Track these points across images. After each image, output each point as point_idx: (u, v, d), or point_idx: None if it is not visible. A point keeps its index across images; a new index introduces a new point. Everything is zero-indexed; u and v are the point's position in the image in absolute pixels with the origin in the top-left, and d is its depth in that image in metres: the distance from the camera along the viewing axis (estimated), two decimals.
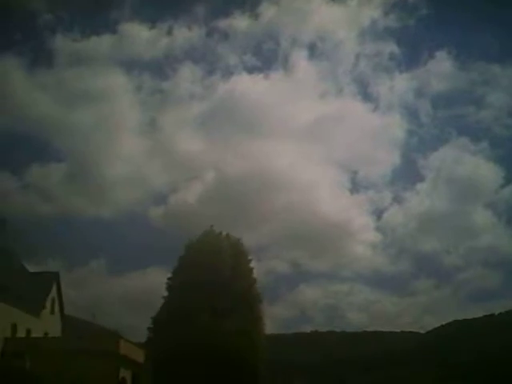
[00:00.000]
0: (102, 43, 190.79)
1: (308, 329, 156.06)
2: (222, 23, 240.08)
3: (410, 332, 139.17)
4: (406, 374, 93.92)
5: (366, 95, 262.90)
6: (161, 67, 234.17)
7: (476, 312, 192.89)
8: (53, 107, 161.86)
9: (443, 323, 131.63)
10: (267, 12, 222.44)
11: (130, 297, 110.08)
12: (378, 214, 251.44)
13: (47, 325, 38.53)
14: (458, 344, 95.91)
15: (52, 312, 40.65)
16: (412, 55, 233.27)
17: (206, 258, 37.91)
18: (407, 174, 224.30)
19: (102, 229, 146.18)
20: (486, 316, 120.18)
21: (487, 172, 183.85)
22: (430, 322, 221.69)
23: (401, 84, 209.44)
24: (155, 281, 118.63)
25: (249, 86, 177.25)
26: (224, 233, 44.11)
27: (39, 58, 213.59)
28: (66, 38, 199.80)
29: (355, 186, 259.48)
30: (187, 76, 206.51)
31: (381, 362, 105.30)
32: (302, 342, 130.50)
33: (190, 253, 39.63)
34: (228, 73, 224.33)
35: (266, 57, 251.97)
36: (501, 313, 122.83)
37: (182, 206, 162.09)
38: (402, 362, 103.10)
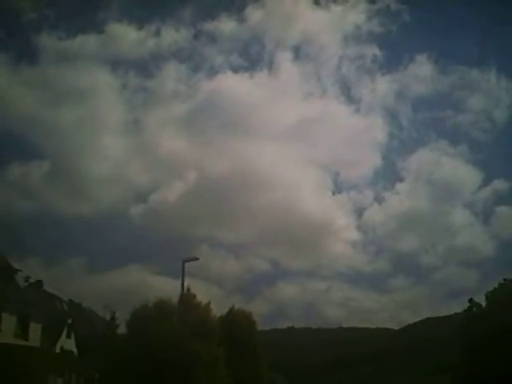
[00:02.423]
0: (88, 42, 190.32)
1: (288, 324, 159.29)
2: (209, 25, 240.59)
3: (386, 329, 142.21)
4: (377, 371, 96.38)
5: (349, 97, 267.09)
6: (146, 66, 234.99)
7: (452, 310, 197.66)
8: (36, 105, 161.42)
9: (416, 320, 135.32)
10: (253, 15, 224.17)
11: (110, 294, 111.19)
12: (359, 213, 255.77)
13: None
14: (429, 341, 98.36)
15: None
16: (393, 59, 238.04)
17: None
18: (387, 175, 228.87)
19: (83, 226, 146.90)
20: (456, 313, 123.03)
21: (465, 174, 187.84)
22: (407, 319, 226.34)
23: (382, 86, 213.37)
24: (135, 278, 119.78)
25: (233, 85, 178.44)
26: None
27: (24, 55, 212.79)
28: (52, 36, 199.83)
29: (337, 187, 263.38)
30: (172, 75, 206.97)
31: (354, 359, 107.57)
32: (278, 339, 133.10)
33: None
34: (213, 72, 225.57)
35: (252, 58, 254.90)
36: None
37: (162, 205, 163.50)
38: (375, 359, 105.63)
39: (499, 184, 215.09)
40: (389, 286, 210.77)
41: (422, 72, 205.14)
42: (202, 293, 54.14)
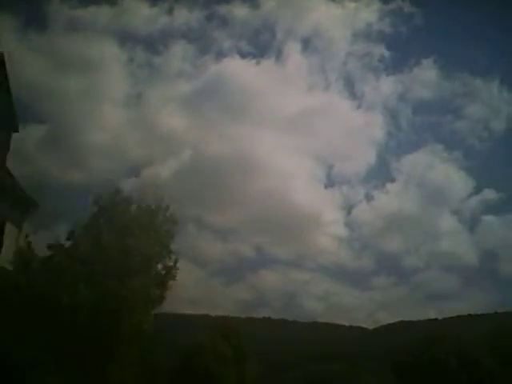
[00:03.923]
0: (100, 13, 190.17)
1: (264, 313, 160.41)
2: (222, 9, 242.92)
3: (359, 327, 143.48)
4: (348, 369, 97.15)
5: (352, 93, 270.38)
6: (155, 43, 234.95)
7: (429, 313, 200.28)
8: (42, 70, 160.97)
9: (390, 322, 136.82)
10: (267, 3, 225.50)
11: None
12: (348, 209, 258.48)
13: None
14: (399, 344, 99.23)
15: None
16: (400, 60, 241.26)
17: None
18: (380, 174, 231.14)
19: (73, 195, 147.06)
20: (430, 319, 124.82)
21: (457, 180, 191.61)
22: (382, 319, 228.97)
23: (386, 86, 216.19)
24: None
25: (239, 70, 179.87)
26: None
27: (34, 20, 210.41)
28: (64, 4, 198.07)
29: (330, 180, 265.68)
30: (179, 53, 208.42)
31: (325, 356, 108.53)
32: (252, 329, 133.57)
33: None
34: (221, 55, 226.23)
35: (261, 45, 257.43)
36: (445, 318, 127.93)
37: (154, 181, 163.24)
38: (346, 357, 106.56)
39: (489, 193, 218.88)
40: (370, 284, 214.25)
41: (426, 76, 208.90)
42: (186, 271, 54.73)
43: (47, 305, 21.39)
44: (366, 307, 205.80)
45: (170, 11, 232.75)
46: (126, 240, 23.99)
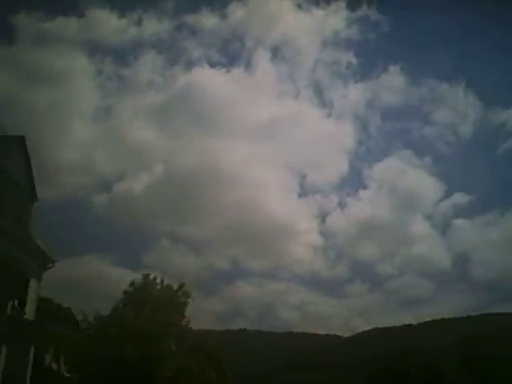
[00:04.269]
0: (68, 25, 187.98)
1: (240, 325, 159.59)
2: (191, 19, 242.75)
3: (335, 335, 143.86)
4: (326, 379, 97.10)
5: (321, 100, 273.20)
6: (124, 54, 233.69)
7: (405, 318, 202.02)
8: (9, 83, 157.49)
9: (364, 329, 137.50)
10: (236, 13, 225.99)
11: (64, 283, 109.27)
12: (322, 218, 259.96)
13: None
14: (374, 352, 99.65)
15: None
16: (367, 67, 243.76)
17: None
18: (352, 181, 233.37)
19: (43, 212, 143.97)
20: (404, 325, 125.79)
21: (428, 185, 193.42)
22: (358, 326, 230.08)
23: (354, 93, 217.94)
24: (94, 268, 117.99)
25: (209, 79, 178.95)
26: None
27: (1, 33, 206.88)
28: (31, 17, 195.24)
29: (303, 190, 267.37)
30: (149, 64, 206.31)
31: (302, 366, 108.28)
32: (229, 341, 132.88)
33: None
34: (190, 64, 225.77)
35: (230, 54, 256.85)
36: (419, 323, 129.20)
37: (127, 196, 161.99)
38: (323, 367, 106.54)
39: (460, 197, 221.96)
40: (345, 292, 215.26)
41: (393, 82, 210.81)
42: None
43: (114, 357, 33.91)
44: (341, 315, 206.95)
45: (139, 22, 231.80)
46: (155, 314, 37.04)
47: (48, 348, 31.69)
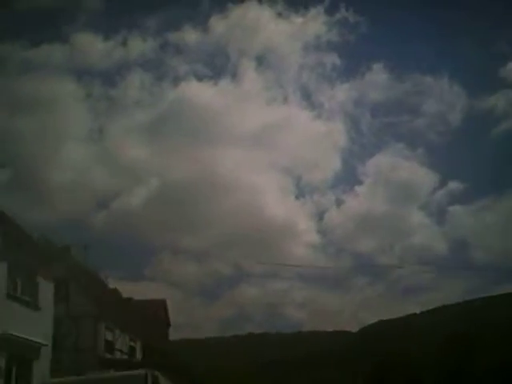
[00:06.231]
0: (53, 52, 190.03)
1: (248, 329, 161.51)
2: (174, 36, 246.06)
3: (344, 331, 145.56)
4: (327, 377, 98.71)
5: (310, 103, 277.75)
6: (112, 75, 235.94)
7: (409, 308, 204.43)
8: None
9: (370, 323, 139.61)
10: (217, 27, 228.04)
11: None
12: (321, 216, 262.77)
13: None
14: (380, 345, 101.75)
15: None
16: (351, 67, 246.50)
17: None
18: (347, 178, 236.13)
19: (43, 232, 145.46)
20: (408, 315, 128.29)
21: (422, 176, 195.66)
22: (367, 319, 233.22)
23: (341, 93, 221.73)
24: None
25: (197, 93, 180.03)
26: None
27: None
28: (15, 46, 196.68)
29: (300, 191, 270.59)
30: (136, 83, 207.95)
31: (315, 364, 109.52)
32: (239, 345, 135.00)
33: None
34: (177, 80, 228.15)
35: (216, 67, 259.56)
36: (422, 312, 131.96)
37: (125, 212, 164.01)
38: (327, 363, 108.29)
39: (454, 185, 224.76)
40: (348, 286, 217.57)
41: (378, 80, 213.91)
42: (164, 296, 56.66)
43: None
44: (348, 309, 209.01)
45: (124, 43, 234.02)
46: None
47: None
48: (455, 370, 61.31)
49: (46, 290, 24.09)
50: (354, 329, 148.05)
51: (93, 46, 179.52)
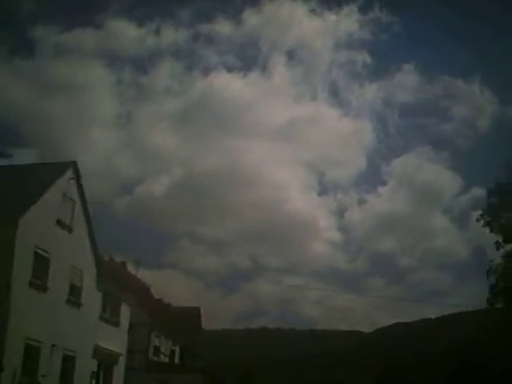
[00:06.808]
0: (86, 36, 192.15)
1: (261, 323, 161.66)
2: (207, 27, 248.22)
3: (357, 331, 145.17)
4: (338, 377, 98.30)
5: (338, 101, 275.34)
6: (143, 63, 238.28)
7: (425, 311, 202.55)
8: (30, 96, 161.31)
9: (385, 325, 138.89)
10: (250, 19, 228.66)
11: None
12: (342, 214, 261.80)
13: None
14: (395, 347, 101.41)
15: None
16: (382, 67, 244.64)
17: None
18: (371, 178, 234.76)
19: None
20: (424, 319, 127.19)
21: (446, 180, 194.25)
22: (380, 320, 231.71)
23: (370, 92, 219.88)
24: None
25: (226, 84, 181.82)
26: None
27: (20, 46, 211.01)
28: (50, 30, 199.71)
29: (322, 187, 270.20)
30: (167, 71, 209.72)
31: (318, 363, 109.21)
32: (251, 339, 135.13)
33: None
34: (207, 70, 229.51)
35: (247, 59, 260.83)
36: (438, 317, 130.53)
37: (147, 198, 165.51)
38: (339, 363, 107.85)
39: (478, 191, 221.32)
40: (365, 286, 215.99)
41: (408, 81, 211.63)
42: (183, 285, 57.61)
43: None
44: (362, 309, 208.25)
45: (157, 32, 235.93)
46: None
47: None
48: (467, 376, 60.61)
49: (125, 311, 29.99)
50: (368, 329, 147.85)
51: (126, 33, 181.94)
